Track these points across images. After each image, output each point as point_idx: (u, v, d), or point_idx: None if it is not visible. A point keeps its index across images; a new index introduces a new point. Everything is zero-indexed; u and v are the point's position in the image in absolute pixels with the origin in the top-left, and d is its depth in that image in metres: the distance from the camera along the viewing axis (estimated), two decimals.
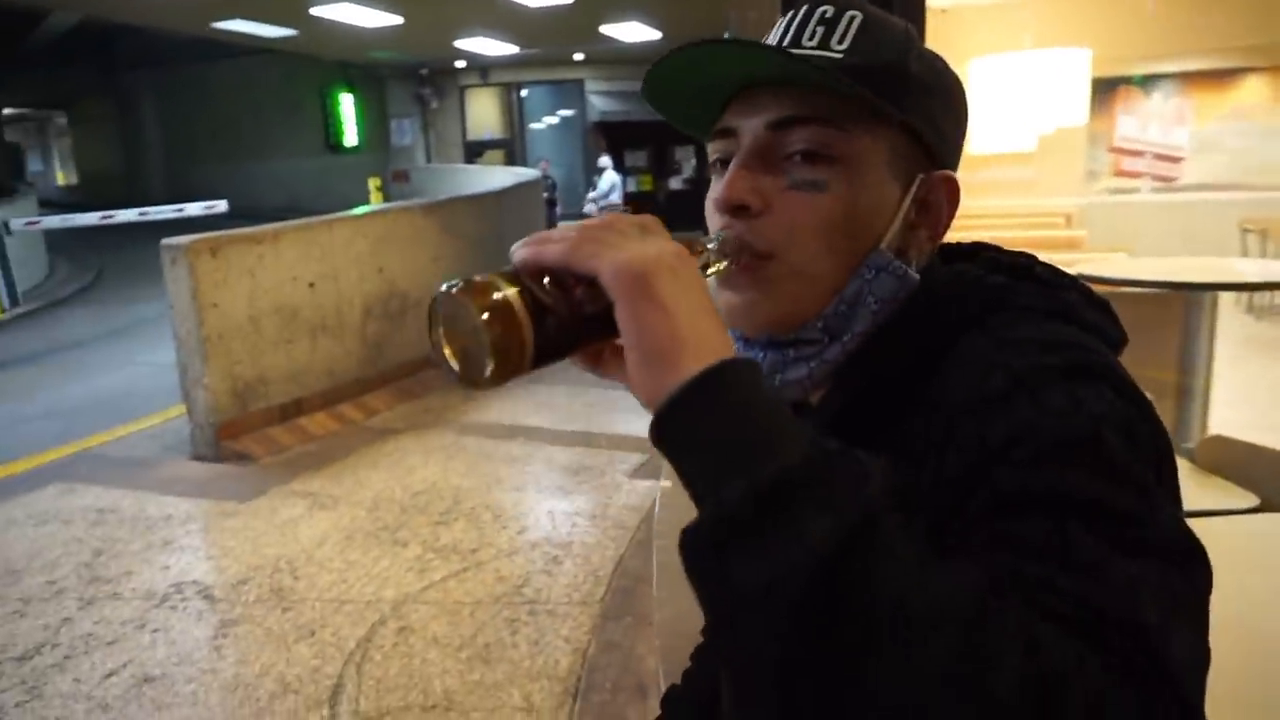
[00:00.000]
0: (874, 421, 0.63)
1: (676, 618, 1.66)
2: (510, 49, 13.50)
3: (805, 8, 0.68)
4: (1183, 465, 1.27)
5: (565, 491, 4.01)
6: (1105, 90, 8.88)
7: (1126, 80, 9.18)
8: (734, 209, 0.64)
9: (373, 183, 10.61)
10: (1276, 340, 5.95)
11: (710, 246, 0.62)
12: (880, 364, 0.65)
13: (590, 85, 15.57)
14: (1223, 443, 1.95)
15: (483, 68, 15.49)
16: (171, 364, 4.59)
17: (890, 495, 0.43)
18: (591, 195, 12.68)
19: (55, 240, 12.61)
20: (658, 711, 0.94)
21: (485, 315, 0.45)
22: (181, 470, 4.35)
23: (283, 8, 10.44)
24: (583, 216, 12.97)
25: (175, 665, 2.67)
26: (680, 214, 15.92)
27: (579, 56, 14.83)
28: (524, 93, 16.29)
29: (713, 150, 0.70)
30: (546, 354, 0.48)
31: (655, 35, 12.47)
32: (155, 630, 2.88)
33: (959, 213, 0.70)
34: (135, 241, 14.51)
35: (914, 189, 0.67)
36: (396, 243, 5.67)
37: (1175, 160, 9.39)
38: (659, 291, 0.46)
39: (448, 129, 16.08)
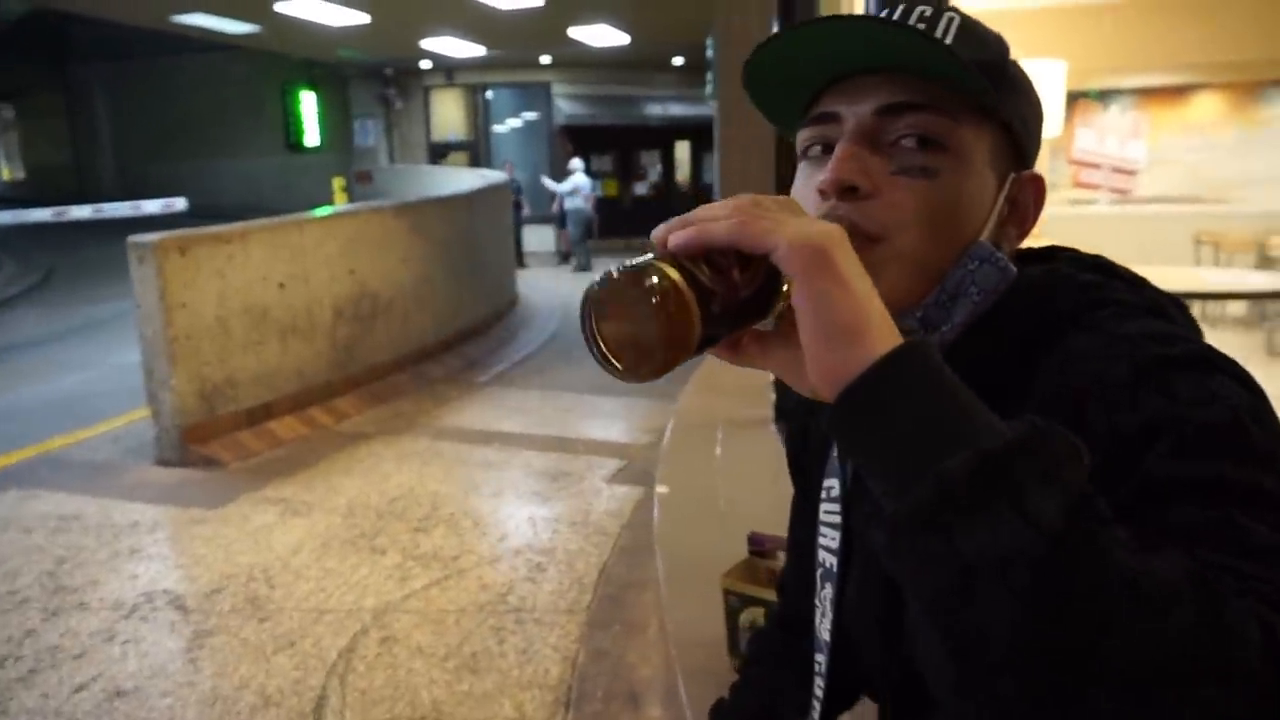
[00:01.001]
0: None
1: (687, 623, 1.64)
2: (477, 50, 13.38)
3: (902, 7, 0.67)
4: None
5: (544, 498, 3.96)
6: (1065, 103, 9.10)
7: (1084, 94, 9.40)
8: (843, 190, 0.62)
9: (337, 183, 10.42)
10: (1228, 348, 6.12)
11: None
12: (978, 357, 0.64)
13: (557, 89, 15.51)
14: None
15: (448, 69, 15.34)
16: (130, 365, 4.46)
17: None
18: (550, 184, 12.61)
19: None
20: None
21: (655, 299, 0.43)
22: (146, 475, 4.22)
23: (246, 3, 10.24)
24: (557, 218, 12.88)
25: (148, 678, 2.57)
26: (645, 219, 15.84)
27: (546, 59, 14.77)
28: (489, 95, 16.17)
29: (806, 137, 0.68)
30: (707, 340, 0.46)
31: (624, 39, 12.46)
32: (125, 642, 2.78)
33: None
34: (88, 239, 14.09)
35: (1007, 186, 0.67)
36: (367, 244, 5.58)
37: (1131, 173, 9.64)
38: (840, 266, 0.45)
39: (411, 130, 15.89)
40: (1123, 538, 0.40)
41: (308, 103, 16.00)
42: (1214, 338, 0.57)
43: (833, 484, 0.80)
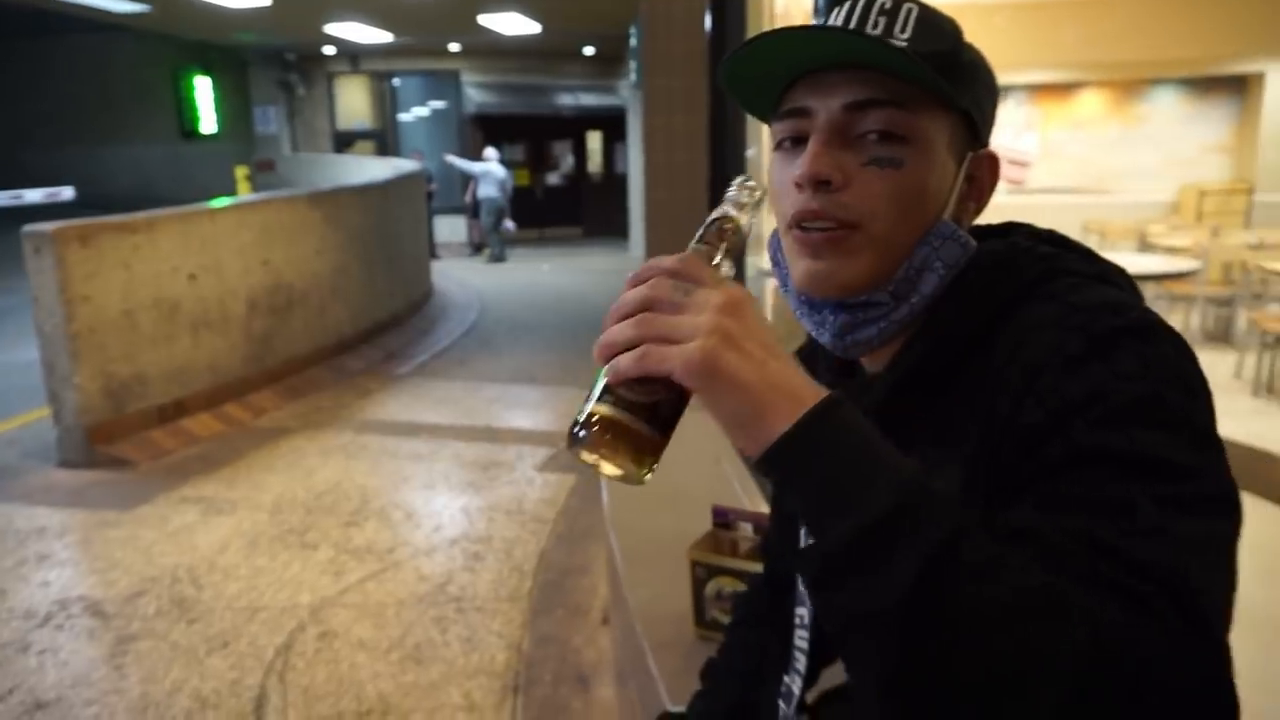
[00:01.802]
0: (942, 376, 0.68)
1: (650, 600, 1.68)
2: (384, 37, 13.04)
3: (863, 1, 0.71)
4: None
5: (477, 487, 3.93)
6: None
7: None
8: (818, 183, 0.67)
9: (240, 172, 9.99)
10: None
11: (702, 246, 0.63)
12: (949, 325, 0.69)
13: (467, 77, 15.23)
14: None
15: (353, 55, 14.87)
16: (15, 364, 4.21)
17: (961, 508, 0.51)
18: (458, 162, 12.43)
19: None
20: (601, 700, 0.97)
21: (613, 442, 0.54)
22: (49, 478, 4.00)
23: None
24: (470, 208, 12.68)
25: (70, 688, 2.46)
26: (557, 209, 15.64)
27: (455, 47, 14.50)
28: (396, 82, 15.78)
29: (781, 130, 0.72)
30: (670, 429, 0.55)
31: (535, 28, 12.34)
32: (42, 652, 2.64)
33: None
34: None
35: (965, 166, 0.72)
36: (282, 233, 5.39)
37: (1025, 165, 10.14)
38: (728, 371, 0.52)
39: (315, 118, 15.33)
40: (982, 567, 0.48)
41: (203, 88, 15.30)
42: None
43: None
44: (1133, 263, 5.57)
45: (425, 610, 2.86)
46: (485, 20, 11.79)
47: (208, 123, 14.56)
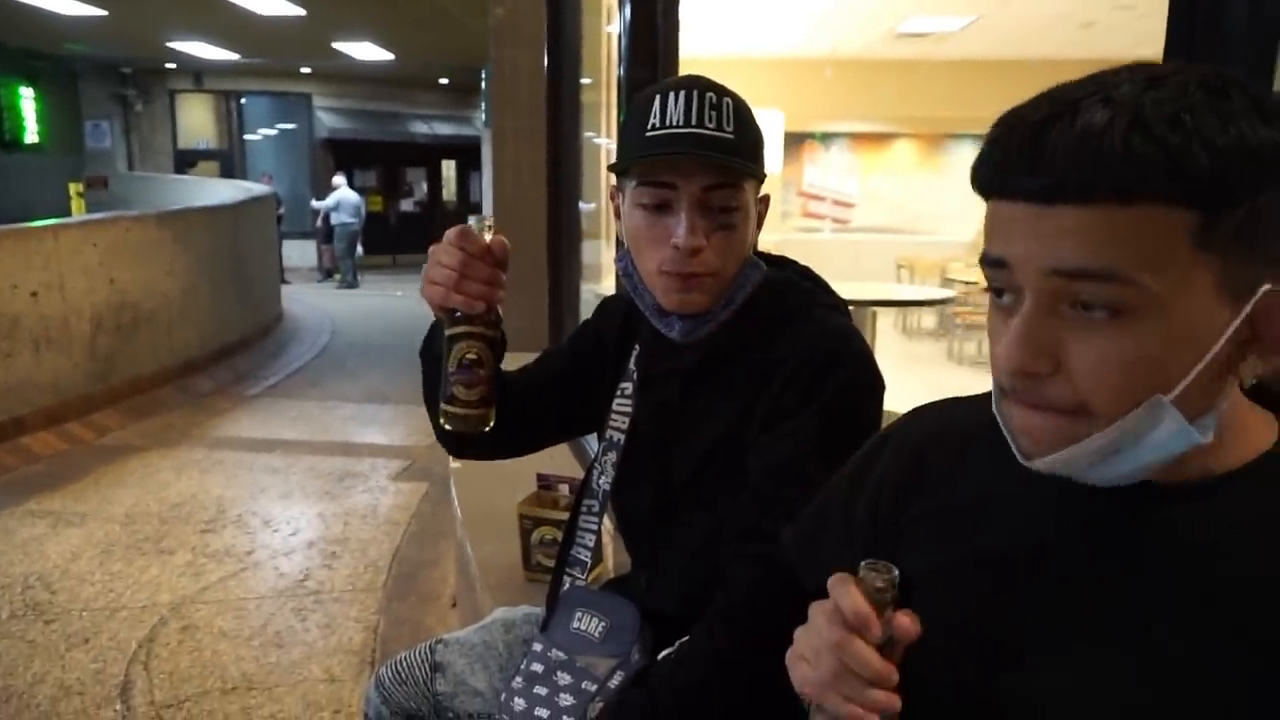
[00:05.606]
0: (736, 357, 1.09)
1: (489, 555, 2.05)
2: (231, 56, 12.80)
3: (695, 92, 0.99)
4: None
5: (333, 496, 4.14)
6: (795, 143, 10.45)
7: (811, 135, 10.81)
8: (695, 251, 1.01)
9: (74, 188, 9.55)
10: (921, 355, 7.41)
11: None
12: (741, 327, 1.09)
13: (319, 100, 15.08)
14: None
15: (197, 72, 14.45)
16: None
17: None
18: (315, 205, 12.42)
19: None
20: None
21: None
22: None
23: None
24: (321, 234, 12.58)
25: None
26: (411, 236, 15.56)
27: (306, 70, 14.37)
28: (244, 101, 15.41)
29: (643, 194, 1.04)
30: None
31: (388, 56, 12.48)
32: None
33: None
34: None
35: (757, 207, 1.09)
36: (129, 253, 5.39)
37: (849, 205, 11.19)
38: None
39: (154, 135, 14.74)
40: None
41: (26, 97, 14.39)
42: (910, 346, 1.09)
43: (627, 385, 1.21)
44: (921, 293, 6.44)
45: (285, 603, 3.08)
46: (340, 46, 11.83)
47: (30, 134, 13.71)
